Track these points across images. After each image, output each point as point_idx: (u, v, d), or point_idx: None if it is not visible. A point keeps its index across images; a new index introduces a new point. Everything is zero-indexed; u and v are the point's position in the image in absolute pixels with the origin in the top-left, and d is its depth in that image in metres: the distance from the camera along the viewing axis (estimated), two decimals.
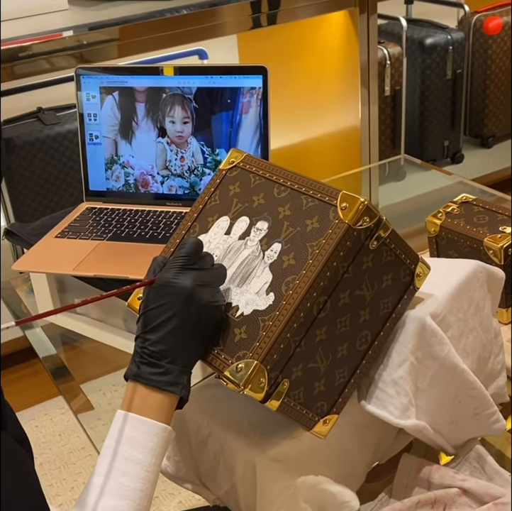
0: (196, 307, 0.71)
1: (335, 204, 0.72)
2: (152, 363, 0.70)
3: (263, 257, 0.75)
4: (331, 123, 2.60)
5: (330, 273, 0.71)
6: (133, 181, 1.21)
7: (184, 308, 0.70)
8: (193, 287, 0.71)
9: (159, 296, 0.71)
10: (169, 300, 0.70)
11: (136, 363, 0.71)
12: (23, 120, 2.34)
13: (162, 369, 0.70)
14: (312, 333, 0.72)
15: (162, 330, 0.70)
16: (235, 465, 0.80)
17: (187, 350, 0.71)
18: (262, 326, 0.71)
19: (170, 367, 0.70)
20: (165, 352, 0.70)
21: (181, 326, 0.70)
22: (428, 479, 0.83)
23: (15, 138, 2.28)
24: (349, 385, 0.78)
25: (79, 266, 1.05)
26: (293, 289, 0.71)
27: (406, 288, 0.79)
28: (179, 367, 0.70)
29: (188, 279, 0.71)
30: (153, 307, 0.71)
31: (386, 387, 0.79)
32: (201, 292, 0.71)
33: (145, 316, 0.71)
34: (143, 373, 0.70)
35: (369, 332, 0.78)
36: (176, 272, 0.71)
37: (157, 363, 0.70)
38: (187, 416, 0.84)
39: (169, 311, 0.70)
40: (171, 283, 0.71)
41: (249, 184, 0.81)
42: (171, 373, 0.70)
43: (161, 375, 0.70)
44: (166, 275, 0.71)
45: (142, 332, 0.71)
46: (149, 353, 0.70)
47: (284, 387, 0.72)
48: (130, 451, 0.68)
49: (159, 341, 0.70)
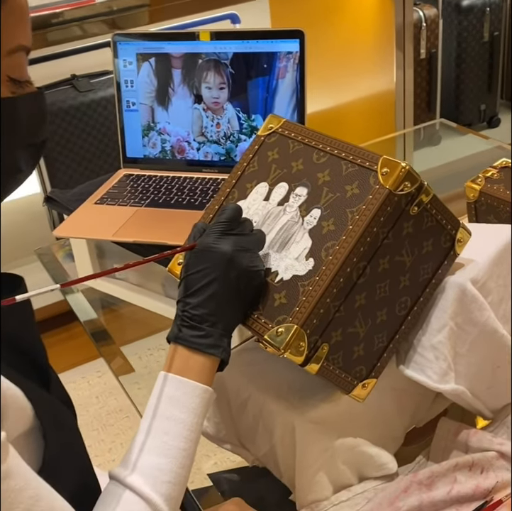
0: (235, 272, 0.71)
1: (376, 169, 0.72)
2: (193, 325, 0.71)
3: (302, 223, 0.76)
4: (365, 87, 2.57)
5: (370, 239, 0.71)
6: (170, 147, 1.22)
7: (224, 272, 0.71)
8: (233, 251, 0.71)
9: (200, 261, 0.72)
10: (209, 265, 0.71)
11: (178, 325, 0.72)
12: (57, 87, 2.35)
13: (203, 332, 0.71)
14: (351, 299, 0.73)
15: (202, 294, 0.71)
16: (274, 427, 0.81)
17: (227, 314, 0.72)
18: (302, 291, 0.72)
19: (211, 330, 0.71)
20: (206, 315, 0.71)
21: (221, 290, 0.71)
22: (466, 442, 0.83)
23: (50, 105, 2.29)
24: (388, 349, 0.78)
25: (118, 232, 1.07)
26: (332, 255, 0.71)
27: (447, 254, 0.79)
28: (220, 331, 0.72)
29: (228, 245, 0.71)
30: (194, 272, 0.72)
31: (425, 351, 0.79)
32: (240, 256, 0.72)
33: (186, 281, 0.72)
34: (185, 336, 0.71)
35: (408, 298, 0.78)
36: (216, 238, 0.72)
37: (198, 326, 0.71)
38: (227, 379, 0.86)
39: (209, 275, 0.71)
40: (211, 248, 0.71)
41: (288, 150, 0.81)
42: (212, 336, 0.71)
43: (202, 337, 0.71)
44: (206, 240, 0.72)
45: (183, 296, 0.72)
46: (191, 316, 0.71)
47: (324, 351, 0.73)
48: (173, 410, 0.69)
49: (200, 305, 0.71)
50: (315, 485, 0.79)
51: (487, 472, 0.80)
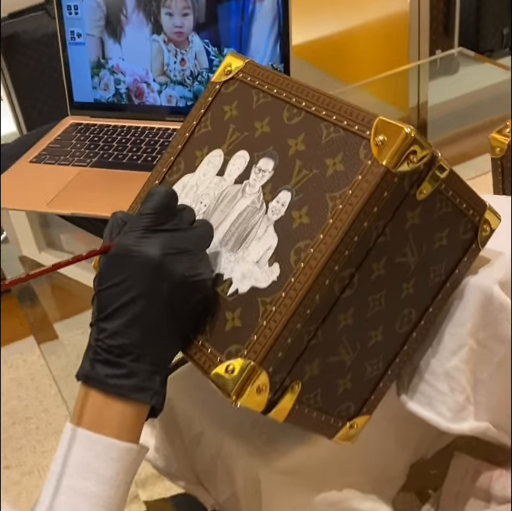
0: (168, 284, 0.50)
1: (368, 137, 0.50)
2: (110, 361, 0.51)
3: (266, 212, 0.54)
4: (375, 8, 2.33)
5: (359, 238, 0.50)
6: (125, 90, 0.99)
7: (151, 285, 0.50)
8: (162, 255, 0.50)
9: (117, 270, 0.51)
10: (129, 275, 0.50)
11: (90, 360, 0.52)
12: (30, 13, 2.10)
13: (124, 370, 0.51)
14: (333, 319, 0.52)
15: (122, 317, 0.50)
16: (236, 473, 0.62)
17: (159, 342, 0.52)
18: (263, 311, 0.51)
19: (135, 366, 0.51)
20: (128, 346, 0.51)
21: (148, 310, 0.51)
22: (488, 489, 0.64)
23: (21, 33, 2.07)
24: (386, 377, 0.58)
25: (54, 201, 0.86)
26: (305, 261, 0.50)
27: (467, 248, 0.57)
28: (148, 367, 0.51)
29: (155, 246, 0.50)
30: (108, 286, 0.51)
31: (436, 380, 0.59)
32: (174, 262, 0.51)
33: (99, 298, 0.52)
34: (99, 375, 0.51)
35: (413, 309, 0.57)
36: (138, 237, 0.51)
37: (117, 362, 0.51)
38: (176, 404, 0.66)
39: (130, 290, 0.50)
40: (131, 252, 0.50)
41: (251, 104, 0.59)
42: (137, 375, 0.51)
43: (123, 377, 0.51)
44: (124, 241, 0.51)
45: (96, 319, 0.52)
46: (106, 347, 0.51)
47: (295, 391, 0.52)
48: (82, 481, 0.50)
49: (119, 332, 0.51)
50: None
51: None
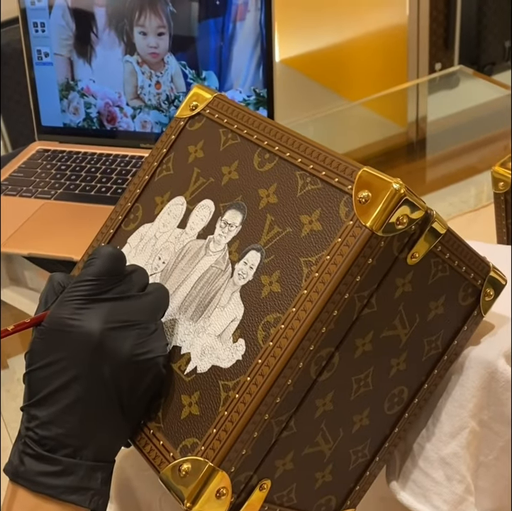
0: (111, 364, 0.42)
1: (350, 191, 0.42)
2: (42, 456, 0.42)
3: (232, 274, 0.46)
4: (373, 21, 2.30)
5: (339, 312, 0.41)
6: (96, 114, 0.91)
7: (91, 367, 0.42)
8: (104, 330, 0.42)
9: (50, 347, 0.43)
10: (65, 354, 0.42)
11: (19, 453, 0.43)
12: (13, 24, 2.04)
13: (59, 466, 0.42)
14: (309, 406, 0.44)
15: (56, 403, 0.42)
16: None
17: (101, 432, 0.44)
18: (224, 398, 0.43)
19: (72, 462, 0.43)
20: (63, 438, 0.42)
21: (88, 395, 0.42)
22: None
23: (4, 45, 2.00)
24: (373, 465, 0.50)
25: (11, 239, 0.78)
26: (275, 340, 0.42)
27: (468, 315, 0.49)
28: (88, 462, 0.43)
29: (95, 319, 0.42)
30: (41, 366, 0.43)
31: (431, 468, 0.51)
32: (118, 338, 0.43)
33: (30, 379, 0.43)
34: (28, 472, 0.43)
35: (404, 387, 0.49)
36: (75, 308, 0.43)
37: (51, 457, 0.42)
38: (135, 485, 0.58)
39: (66, 372, 0.42)
40: (67, 327, 0.42)
41: (218, 145, 0.51)
42: (74, 473, 0.43)
43: (57, 475, 0.43)
44: (59, 313, 0.43)
45: (26, 404, 0.43)
46: (38, 439, 0.43)
47: (264, 490, 0.44)
48: None
49: (53, 421, 0.42)
50: None
51: None
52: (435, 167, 1.47)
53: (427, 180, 1.43)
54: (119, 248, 0.49)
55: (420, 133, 1.69)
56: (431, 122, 1.67)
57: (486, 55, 2.73)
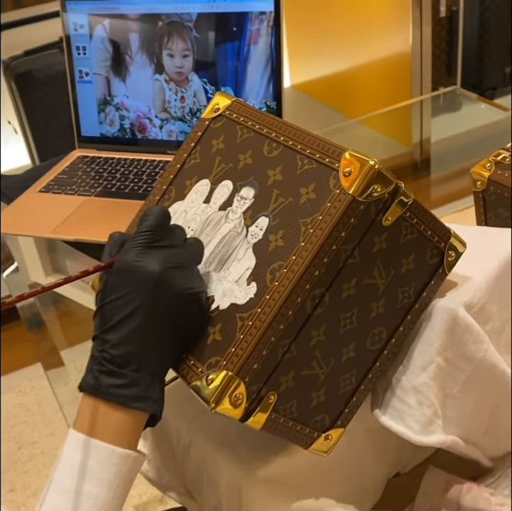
0: (167, 296, 0.55)
1: (337, 168, 0.55)
2: (112, 371, 0.55)
3: (246, 235, 0.59)
4: (378, 48, 2.39)
5: (329, 259, 0.54)
6: (129, 125, 1.05)
7: (151, 298, 0.55)
8: (162, 270, 0.55)
9: (119, 284, 0.55)
10: (131, 289, 0.55)
11: (93, 372, 0.56)
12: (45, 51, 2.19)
13: (126, 379, 0.55)
14: (306, 335, 0.56)
15: (124, 328, 0.55)
16: (219, 481, 0.66)
17: (159, 353, 0.56)
18: (240, 326, 0.56)
19: (136, 376, 0.55)
20: (130, 356, 0.55)
21: (149, 322, 0.55)
22: (458, 501, 0.67)
23: (36, 71, 2.14)
24: (359, 392, 0.62)
25: (59, 228, 0.91)
26: (279, 280, 0.55)
27: (434, 272, 0.62)
28: (148, 377, 0.56)
29: (155, 261, 0.55)
30: (112, 299, 0.55)
31: (405, 395, 0.63)
32: (172, 276, 0.55)
33: (102, 312, 0.56)
34: (102, 386, 0.55)
35: (383, 328, 0.61)
36: (138, 253, 0.56)
37: (119, 372, 0.55)
38: (167, 417, 0.70)
39: (132, 302, 0.55)
40: (133, 267, 0.55)
41: (236, 138, 0.64)
42: (138, 385, 0.55)
43: (124, 387, 0.55)
44: (126, 257, 0.56)
45: (100, 331, 0.56)
46: (110, 358, 0.55)
47: (270, 401, 0.57)
48: (82, 483, 0.54)
49: (122, 343, 0.55)
50: None
51: None
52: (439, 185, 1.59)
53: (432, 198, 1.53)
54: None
55: (424, 152, 1.81)
56: (435, 142, 1.78)
57: (487, 80, 2.83)
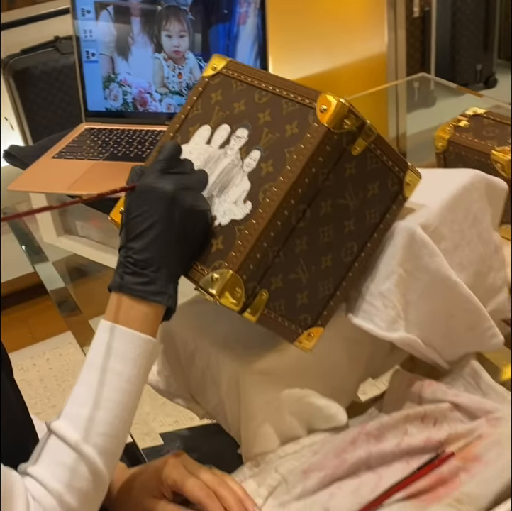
0: (179, 212, 0.68)
1: (315, 107, 0.69)
2: (136, 272, 0.68)
3: (242, 166, 0.72)
4: (354, 49, 2.49)
5: (309, 180, 0.68)
6: (131, 100, 1.18)
7: (167, 213, 0.67)
8: (175, 190, 0.68)
9: (141, 203, 0.68)
10: (150, 206, 0.68)
11: (119, 273, 0.68)
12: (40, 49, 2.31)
13: (147, 278, 0.68)
14: (291, 243, 0.70)
15: (145, 237, 0.67)
16: (221, 379, 0.79)
17: (173, 257, 0.69)
18: (239, 235, 0.69)
19: (155, 276, 0.68)
20: (150, 260, 0.67)
21: (165, 232, 0.68)
22: (419, 394, 0.81)
23: (33, 67, 2.26)
24: (335, 297, 0.76)
25: (73, 185, 1.04)
26: (270, 197, 0.68)
27: (395, 198, 0.75)
28: (165, 277, 0.68)
29: (169, 183, 0.68)
30: (135, 215, 0.68)
31: (373, 299, 0.76)
32: (183, 195, 0.68)
33: (127, 226, 0.69)
34: (127, 283, 0.68)
35: (354, 243, 0.75)
36: (155, 177, 0.69)
37: (141, 273, 0.67)
38: (175, 331, 0.83)
39: (151, 217, 0.67)
40: (151, 188, 0.68)
41: (231, 90, 0.77)
42: (157, 282, 0.68)
43: (146, 284, 0.68)
44: (145, 181, 0.69)
45: (125, 241, 0.69)
46: (134, 261, 0.68)
47: (263, 297, 0.70)
48: (110, 361, 0.66)
49: (143, 249, 0.67)
50: (260, 438, 0.77)
51: (440, 424, 0.78)
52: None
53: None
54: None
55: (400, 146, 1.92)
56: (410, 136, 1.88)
57: (460, 76, 2.98)
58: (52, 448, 0.64)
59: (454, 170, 0.86)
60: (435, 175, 0.84)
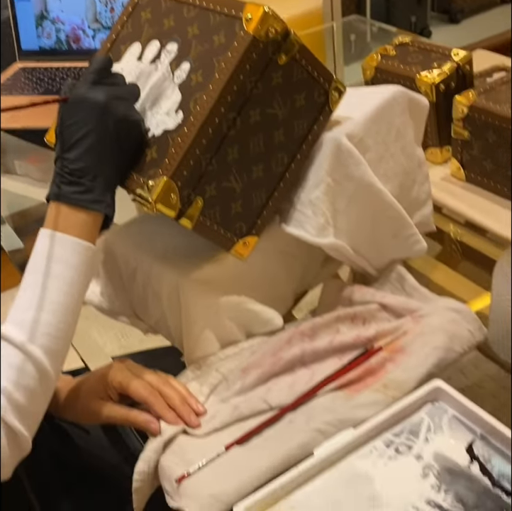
0: (113, 121, 0.70)
1: (241, 17, 0.71)
2: (72, 181, 0.69)
3: (173, 78, 0.75)
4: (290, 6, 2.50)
5: (237, 87, 0.71)
6: (65, 37, 1.19)
7: (100, 122, 0.69)
8: (107, 100, 0.70)
9: (74, 113, 0.70)
10: (83, 116, 0.69)
11: (56, 183, 0.70)
12: None
13: (84, 187, 0.70)
14: (223, 152, 0.73)
15: (80, 147, 0.69)
16: (162, 291, 0.82)
17: (108, 167, 0.71)
18: (172, 143, 0.71)
19: (92, 184, 0.70)
20: (86, 169, 0.69)
21: (99, 141, 0.69)
22: (350, 298, 0.86)
23: None
24: (268, 207, 0.79)
25: (7, 120, 1.04)
26: (200, 105, 0.71)
27: (321, 109, 0.79)
28: (102, 185, 0.70)
29: (101, 93, 0.70)
30: (69, 124, 0.70)
31: (304, 207, 0.80)
32: (116, 105, 0.70)
33: (61, 136, 0.70)
34: (65, 193, 0.69)
35: (284, 154, 0.78)
36: (87, 88, 0.70)
37: (78, 182, 0.69)
38: (116, 251, 0.86)
39: (85, 126, 0.69)
40: (83, 98, 0.70)
41: (160, 8, 0.79)
42: (94, 191, 0.70)
43: (83, 193, 0.70)
44: (77, 92, 0.70)
45: (60, 152, 0.71)
46: (69, 171, 0.69)
47: (198, 205, 0.73)
48: (52, 266, 0.68)
49: (78, 159, 0.69)
50: (202, 342, 0.81)
51: (369, 323, 0.83)
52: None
53: None
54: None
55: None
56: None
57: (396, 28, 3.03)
58: (3, 353, 0.66)
59: (378, 86, 0.90)
60: (360, 91, 0.88)
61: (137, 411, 0.74)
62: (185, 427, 0.73)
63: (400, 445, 0.68)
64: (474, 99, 1.00)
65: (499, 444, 0.66)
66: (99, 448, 0.87)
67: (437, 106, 1.06)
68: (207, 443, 0.72)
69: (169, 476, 0.69)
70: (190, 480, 0.68)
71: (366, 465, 0.67)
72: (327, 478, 0.66)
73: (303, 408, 0.74)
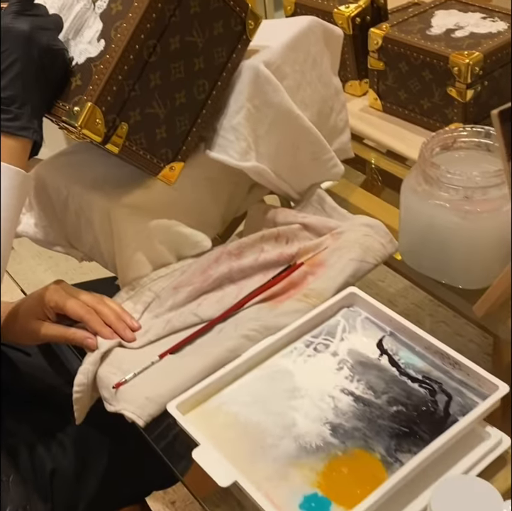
0: (37, 50, 0.72)
1: None
2: (0, 109, 0.72)
3: (94, 9, 0.77)
4: None
5: (156, 15, 0.74)
6: None
7: (25, 51, 0.72)
8: (31, 29, 0.72)
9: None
10: (8, 46, 0.71)
11: None
12: None
13: (12, 114, 0.72)
14: (146, 78, 0.76)
15: (6, 76, 0.71)
16: (93, 217, 0.86)
17: (35, 94, 0.73)
18: (95, 70, 0.74)
19: (19, 112, 0.72)
20: (13, 97, 0.72)
21: (25, 70, 0.72)
22: (274, 219, 0.91)
23: None
24: (192, 133, 0.83)
25: None
26: (121, 33, 0.74)
27: (239, 38, 0.83)
28: (29, 112, 0.73)
29: (24, 23, 0.72)
30: None
31: (226, 133, 0.85)
32: (40, 35, 0.73)
33: None
34: None
35: (206, 81, 0.82)
36: (11, 18, 0.72)
37: (6, 109, 0.72)
38: (47, 182, 0.89)
39: (10, 56, 0.71)
40: (7, 28, 0.72)
41: None
42: (21, 118, 0.72)
43: (11, 120, 0.72)
44: (2, 22, 0.73)
45: None
46: None
47: (123, 130, 0.77)
48: None
49: (6, 87, 0.71)
50: (134, 264, 0.85)
51: (292, 242, 0.89)
52: None
53: None
54: None
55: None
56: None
57: None
58: None
59: (293, 18, 0.94)
60: (276, 22, 0.92)
61: (74, 329, 0.79)
62: (121, 341, 0.78)
63: (318, 345, 0.75)
64: (388, 30, 1.05)
65: (406, 339, 0.73)
66: (40, 371, 0.91)
67: (354, 38, 1.11)
68: (142, 354, 0.77)
69: (107, 384, 0.74)
70: (126, 386, 0.73)
71: (288, 362, 0.73)
72: (253, 376, 0.72)
73: (232, 319, 0.80)
